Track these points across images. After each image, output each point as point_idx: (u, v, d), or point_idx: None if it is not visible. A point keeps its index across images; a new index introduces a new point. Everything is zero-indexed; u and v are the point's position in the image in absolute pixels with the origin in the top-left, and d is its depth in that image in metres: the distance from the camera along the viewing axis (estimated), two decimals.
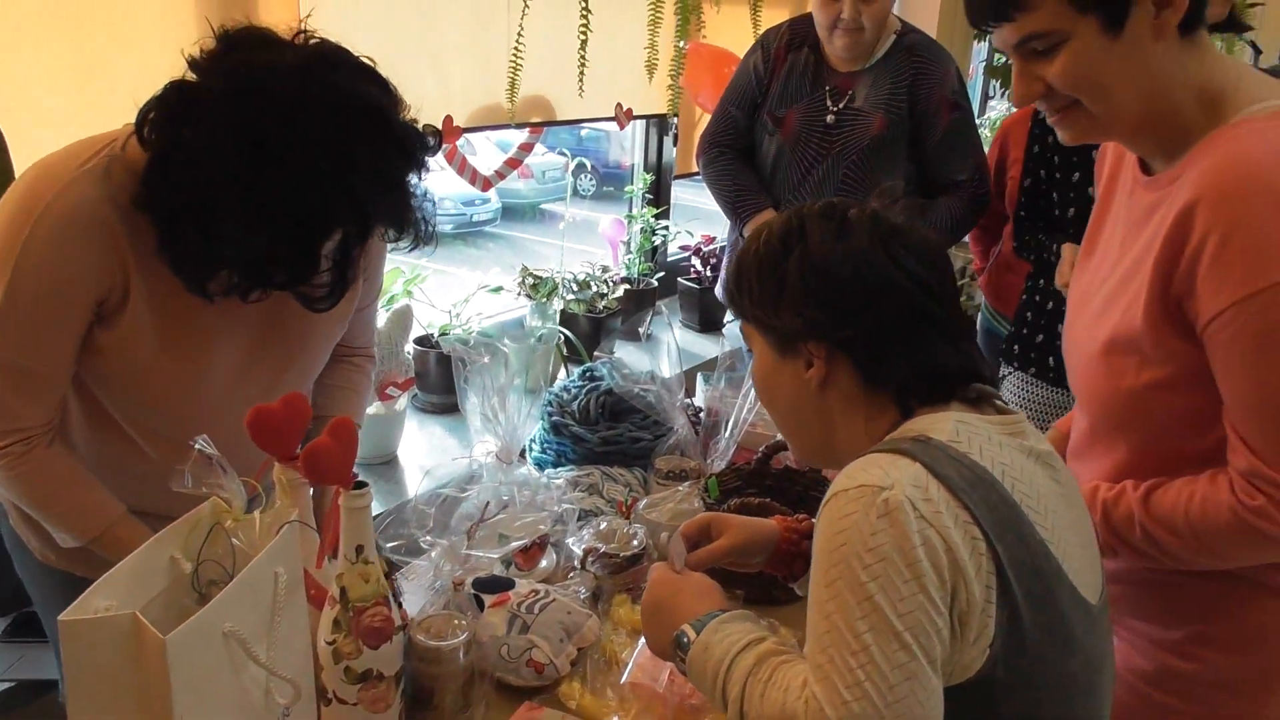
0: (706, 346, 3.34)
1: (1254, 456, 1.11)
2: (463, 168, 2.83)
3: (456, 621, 1.30)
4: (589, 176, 9.00)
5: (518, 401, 1.65)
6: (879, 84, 2.45)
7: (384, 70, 1.25)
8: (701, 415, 1.95)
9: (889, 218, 1.10)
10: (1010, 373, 2.48)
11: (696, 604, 1.14)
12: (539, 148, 3.03)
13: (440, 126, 2.51)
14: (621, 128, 3.17)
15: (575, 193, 3.50)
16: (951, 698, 0.94)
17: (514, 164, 3.05)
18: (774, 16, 2.82)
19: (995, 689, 0.95)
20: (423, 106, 1.30)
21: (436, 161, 2.27)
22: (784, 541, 1.37)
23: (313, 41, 1.22)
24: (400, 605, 1.36)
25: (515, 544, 1.50)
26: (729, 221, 2.70)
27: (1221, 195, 1.08)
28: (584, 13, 2.62)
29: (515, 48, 2.53)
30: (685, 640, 1.09)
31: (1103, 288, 1.29)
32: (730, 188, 2.58)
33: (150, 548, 1.02)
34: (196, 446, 1.06)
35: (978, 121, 3.69)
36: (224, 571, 1.04)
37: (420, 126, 1.26)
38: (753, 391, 1.85)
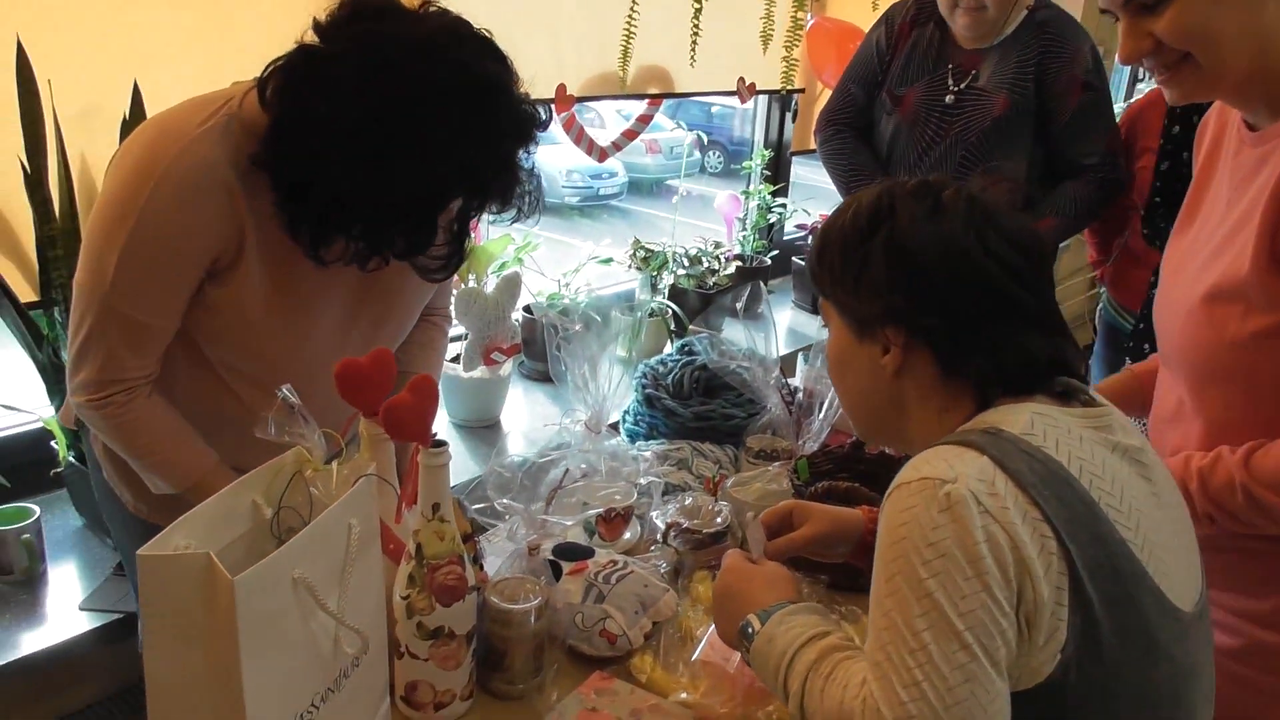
0: (818, 328, 3.28)
1: None
2: (580, 137, 2.83)
3: (530, 585, 1.31)
4: (717, 153, 8.95)
5: (609, 371, 1.65)
6: (1005, 62, 2.35)
7: (500, 38, 1.26)
8: (797, 395, 1.91)
9: (985, 200, 1.04)
10: None
11: (766, 594, 1.12)
12: (668, 123, 3.03)
13: (554, 95, 2.52)
14: (744, 101, 3.13)
15: (703, 169, 3.49)
16: (1021, 703, 0.90)
17: (631, 135, 3.04)
18: None
19: (1068, 695, 0.90)
20: (536, 75, 1.31)
21: (554, 132, 2.28)
22: (868, 533, 1.34)
23: (434, 11, 1.23)
24: (481, 567, 1.38)
25: (591, 511, 1.50)
26: None
27: None
28: None
29: (630, 15, 2.52)
30: (750, 630, 1.08)
31: (1206, 248, 1.26)
32: (845, 166, 2.52)
33: (233, 490, 1.05)
34: (280, 395, 1.09)
35: (1123, 104, 3.51)
36: (301, 520, 1.07)
37: (532, 101, 1.27)
38: None
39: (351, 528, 1.05)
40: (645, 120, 3.04)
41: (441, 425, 2.37)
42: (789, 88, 3.17)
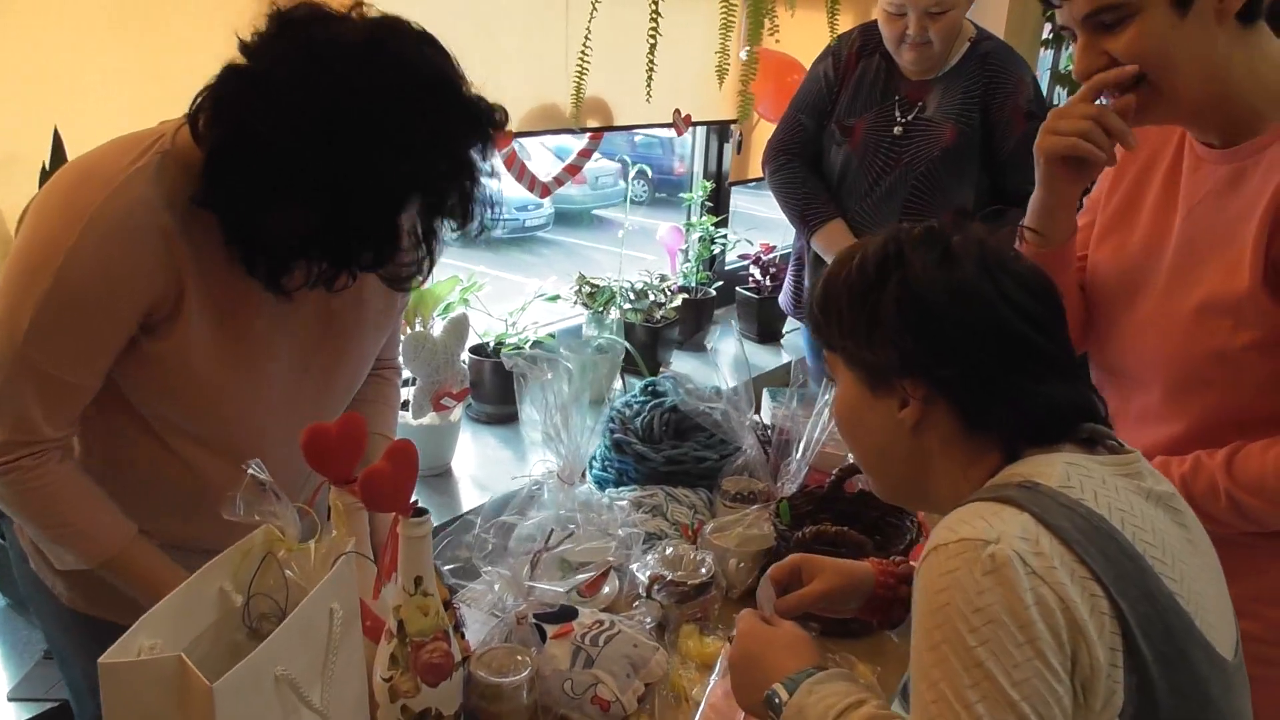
0: (765, 358, 3.25)
1: None
2: (521, 173, 2.76)
3: (519, 657, 1.22)
4: (642, 183, 8.95)
5: (580, 419, 1.57)
6: (951, 93, 2.36)
7: None
8: (770, 434, 1.86)
9: (995, 246, 1.01)
10: None
11: (789, 659, 1.05)
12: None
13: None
14: (680, 134, 3.09)
15: (628, 198, 3.43)
16: None
17: (573, 170, 2.98)
18: (849, 22, 2.73)
19: None
20: None
21: (496, 166, 2.21)
22: (880, 586, 1.29)
23: (367, 12, 1.15)
24: (463, 636, 1.29)
25: (581, 576, 1.41)
26: (793, 230, 2.63)
27: None
28: (653, 15, 2.54)
29: (582, 52, 2.47)
30: (777, 701, 1.01)
31: (1163, 262, 1.28)
32: (800, 196, 2.50)
33: (199, 579, 0.95)
34: (250, 471, 0.99)
35: None
36: (276, 605, 0.97)
37: (484, 99, 1.19)
38: (826, 411, 1.76)
39: (334, 613, 0.95)
40: (587, 154, 2.98)
41: None
42: (742, 119, 3.14)
